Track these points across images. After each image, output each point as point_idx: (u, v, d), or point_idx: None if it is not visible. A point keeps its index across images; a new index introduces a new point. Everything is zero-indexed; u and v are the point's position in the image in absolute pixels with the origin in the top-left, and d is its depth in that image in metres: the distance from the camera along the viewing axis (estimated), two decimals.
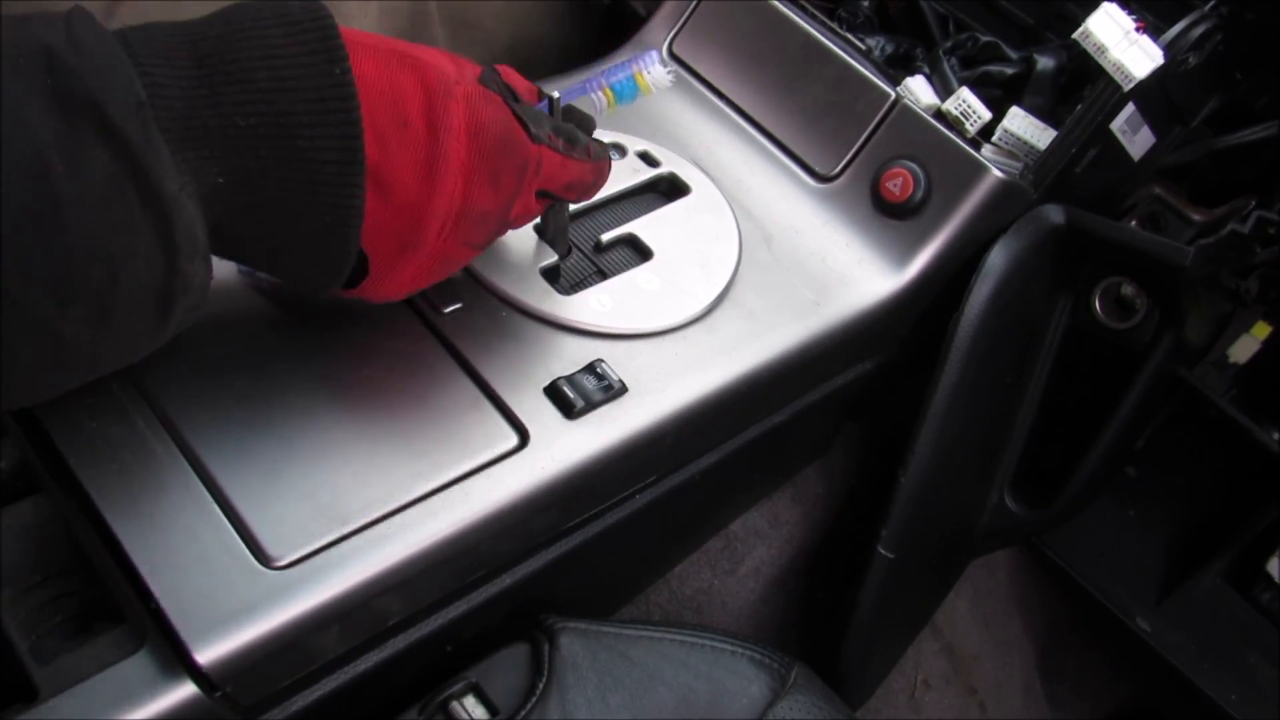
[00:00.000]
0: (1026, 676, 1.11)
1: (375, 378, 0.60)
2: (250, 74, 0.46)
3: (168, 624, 0.48)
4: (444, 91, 0.51)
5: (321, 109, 0.47)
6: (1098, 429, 0.86)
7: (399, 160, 0.50)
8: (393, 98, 0.50)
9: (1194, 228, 0.86)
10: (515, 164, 0.55)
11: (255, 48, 0.47)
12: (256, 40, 0.47)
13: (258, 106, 0.46)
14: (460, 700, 0.60)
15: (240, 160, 0.46)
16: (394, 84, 0.50)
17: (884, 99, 0.77)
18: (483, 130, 0.53)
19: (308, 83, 0.47)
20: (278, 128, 0.47)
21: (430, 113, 0.51)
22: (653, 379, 0.65)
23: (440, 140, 0.51)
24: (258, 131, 0.46)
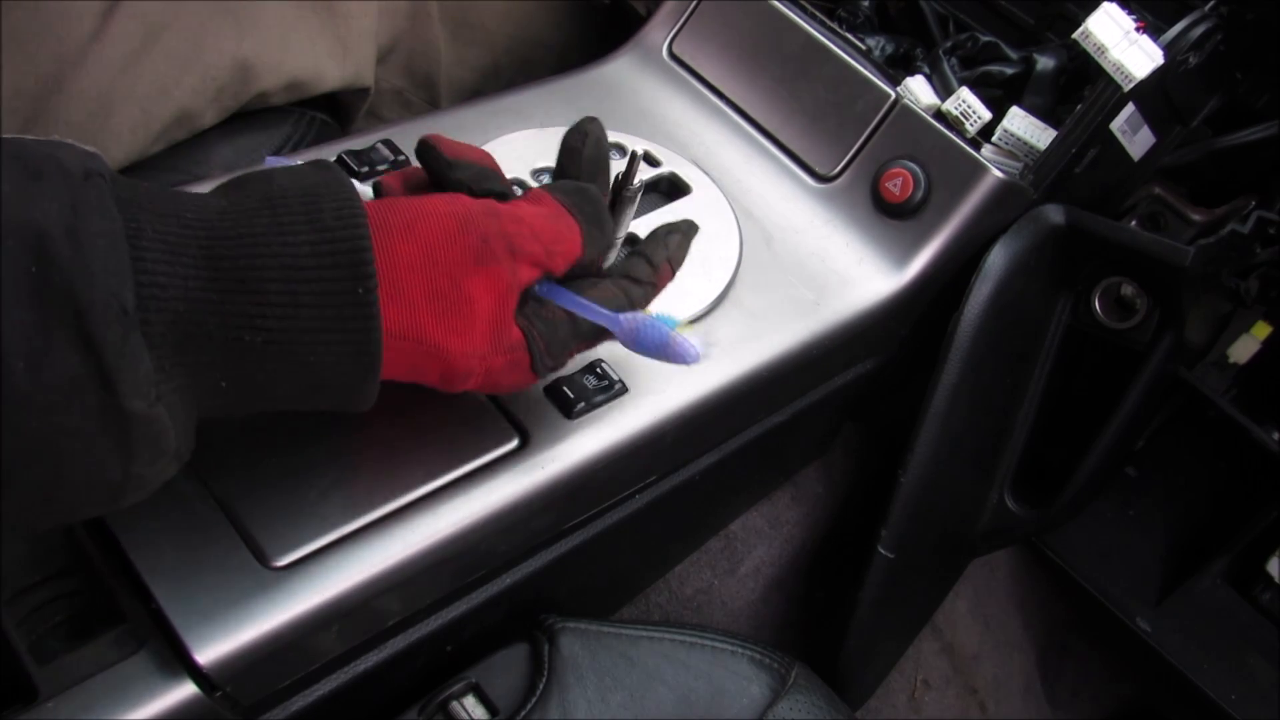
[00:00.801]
0: (1026, 676, 1.11)
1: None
2: (264, 286, 0.44)
3: (168, 624, 0.48)
4: (464, 376, 0.51)
5: (339, 329, 0.45)
6: (1098, 429, 0.86)
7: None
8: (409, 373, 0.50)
9: (1194, 228, 0.86)
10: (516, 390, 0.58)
11: (275, 255, 0.44)
12: (279, 248, 0.44)
13: (268, 322, 0.44)
14: (460, 700, 0.60)
15: (245, 371, 0.45)
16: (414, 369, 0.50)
17: (884, 99, 0.77)
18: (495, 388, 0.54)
19: (328, 300, 0.45)
20: (288, 345, 0.45)
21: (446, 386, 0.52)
22: (653, 379, 0.65)
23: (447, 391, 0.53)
24: (265, 349, 0.44)
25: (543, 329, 0.53)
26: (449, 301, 0.49)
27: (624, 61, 0.86)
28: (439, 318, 0.49)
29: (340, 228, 0.45)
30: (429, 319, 0.49)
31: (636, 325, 0.55)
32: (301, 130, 0.82)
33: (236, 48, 0.74)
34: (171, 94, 0.72)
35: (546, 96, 0.81)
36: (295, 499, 0.54)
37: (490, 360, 0.51)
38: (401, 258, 0.48)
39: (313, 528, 0.53)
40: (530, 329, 0.52)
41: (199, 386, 0.44)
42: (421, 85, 0.95)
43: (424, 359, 0.49)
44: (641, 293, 0.57)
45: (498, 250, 0.50)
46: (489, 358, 0.51)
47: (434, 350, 0.49)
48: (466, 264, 0.49)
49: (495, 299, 0.50)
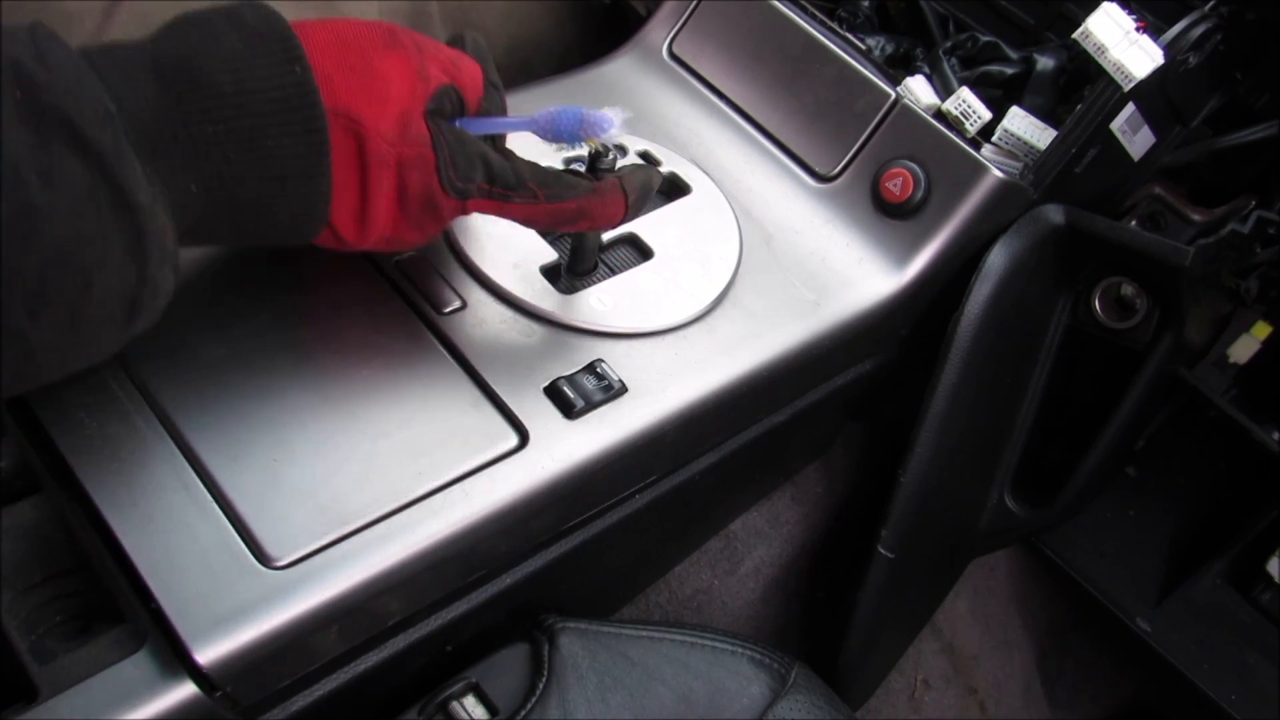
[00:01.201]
0: (1026, 676, 1.11)
1: (375, 378, 0.60)
2: (213, 80, 0.47)
3: (168, 624, 0.48)
4: (378, 161, 0.53)
5: (286, 106, 0.49)
6: (1098, 429, 0.86)
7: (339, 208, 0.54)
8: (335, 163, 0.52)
9: (1194, 228, 0.86)
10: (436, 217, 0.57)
11: (215, 56, 0.48)
12: (215, 48, 0.48)
13: (224, 111, 0.47)
14: (460, 700, 0.61)
15: (213, 166, 0.48)
16: (336, 146, 0.52)
17: (884, 99, 0.77)
18: (406, 196, 0.55)
19: (271, 83, 0.48)
20: (246, 130, 0.48)
21: (363, 177, 0.53)
22: (653, 379, 0.65)
23: (371, 203, 0.54)
24: (227, 136, 0.48)
25: (451, 139, 0.55)
26: (362, 76, 0.52)
27: (624, 61, 0.86)
28: (353, 91, 0.52)
29: (263, 23, 0.50)
30: (343, 90, 0.52)
31: (550, 115, 0.58)
32: None
33: None
34: None
35: (546, 96, 0.81)
36: (296, 499, 0.54)
37: (400, 148, 0.53)
38: (314, 40, 0.52)
39: (313, 527, 0.53)
40: (438, 133, 0.55)
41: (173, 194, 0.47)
42: None
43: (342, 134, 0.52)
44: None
45: (405, 42, 0.54)
46: (398, 144, 0.53)
47: (350, 120, 0.52)
48: (376, 45, 0.53)
49: (405, 81, 0.53)
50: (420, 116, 0.54)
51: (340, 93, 0.51)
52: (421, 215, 0.56)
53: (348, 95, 0.52)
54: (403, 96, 0.53)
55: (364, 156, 0.52)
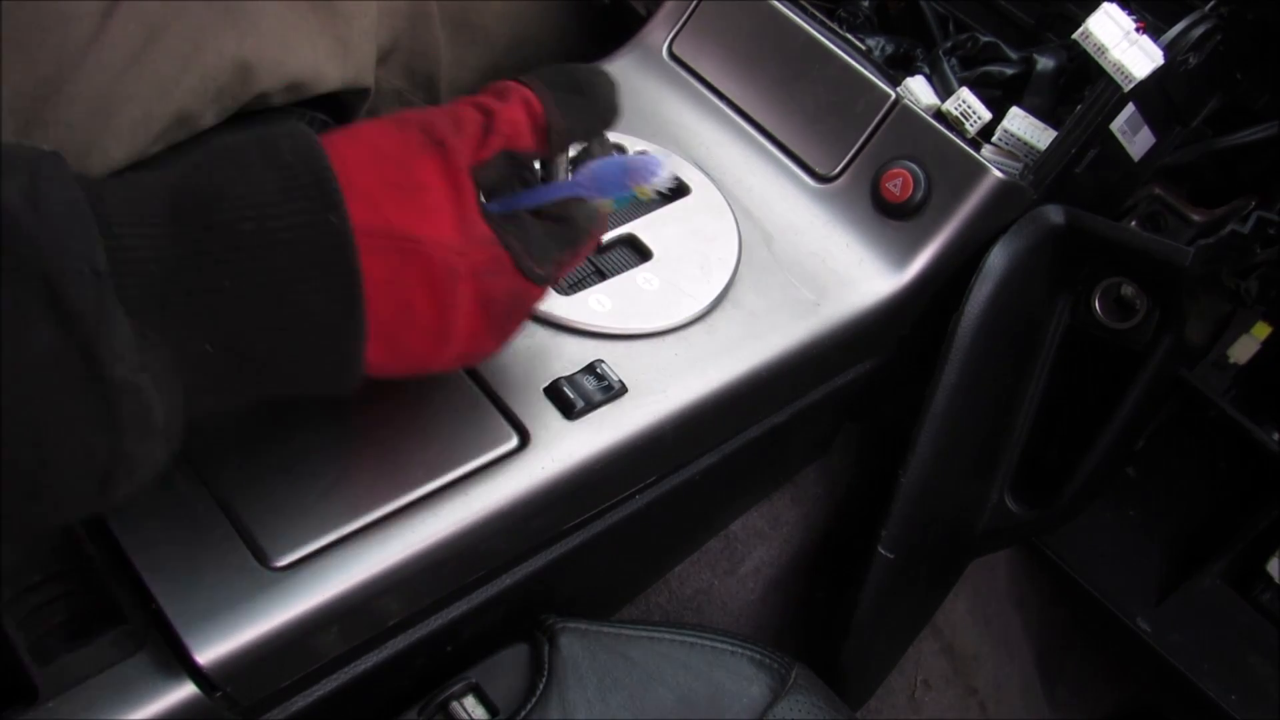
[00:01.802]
0: (1026, 676, 1.11)
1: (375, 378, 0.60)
2: (235, 227, 0.42)
3: (168, 624, 0.48)
4: (449, 276, 0.48)
5: (315, 261, 0.44)
6: (1098, 429, 0.86)
7: (407, 337, 0.49)
8: (395, 291, 0.47)
9: (1194, 228, 0.86)
10: (522, 314, 0.54)
11: (242, 199, 0.43)
12: (243, 189, 0.43)
13: (244, 264, 0.42)
14: (460, 700, 0.61)
15: (230, 325, 0.43)
16: (395, 278, 0.47)
17: (884, 99, 0.77)
18: (492, 304, 0.51)
19: (301, 234, 0.43)
20: (270, 286, 0.43)
21: (437, 299, 0.49)
22: (653, 379, 0.65)
23: (450, 320, 0.49)
24: (247, 292, 0.43)
25: (514, 230, 0.51)
26: (406, 190, 0.48)
27: (624, 61, 0.86)
28: (399, 206, 0.47)
29: (299, 162, 0.44)
30: (392, 210, 0.47)
31: (592, 171, 0.54)
32: None
33: (236, 48, 0.74)
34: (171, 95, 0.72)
35: None
36: (295, 499, 0.54)
37: (470, 255, 0.49)
38: (349, 160, 0.46)
39: (313, 528, 0.53)
40: (500, 230, 0.51)
41: (183, 356, 0.42)
42: (422, 86, 0.94)
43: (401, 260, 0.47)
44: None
45: (441, 132, 0.49)
46: (467, 251, 0.49)
47: (407, 242, 0.47)
48: (412, 151, 0.49)
49: (449, 183, 0.49)
50: (478, 217, 0.50)
51: (390, 213, 0.46)
52: (507, 319, 0.53)
53: (398, 214, 0.47)
54: (451, 201, 0.49)
55: (431, 274, 0.47)
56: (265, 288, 0.43)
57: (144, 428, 0.41)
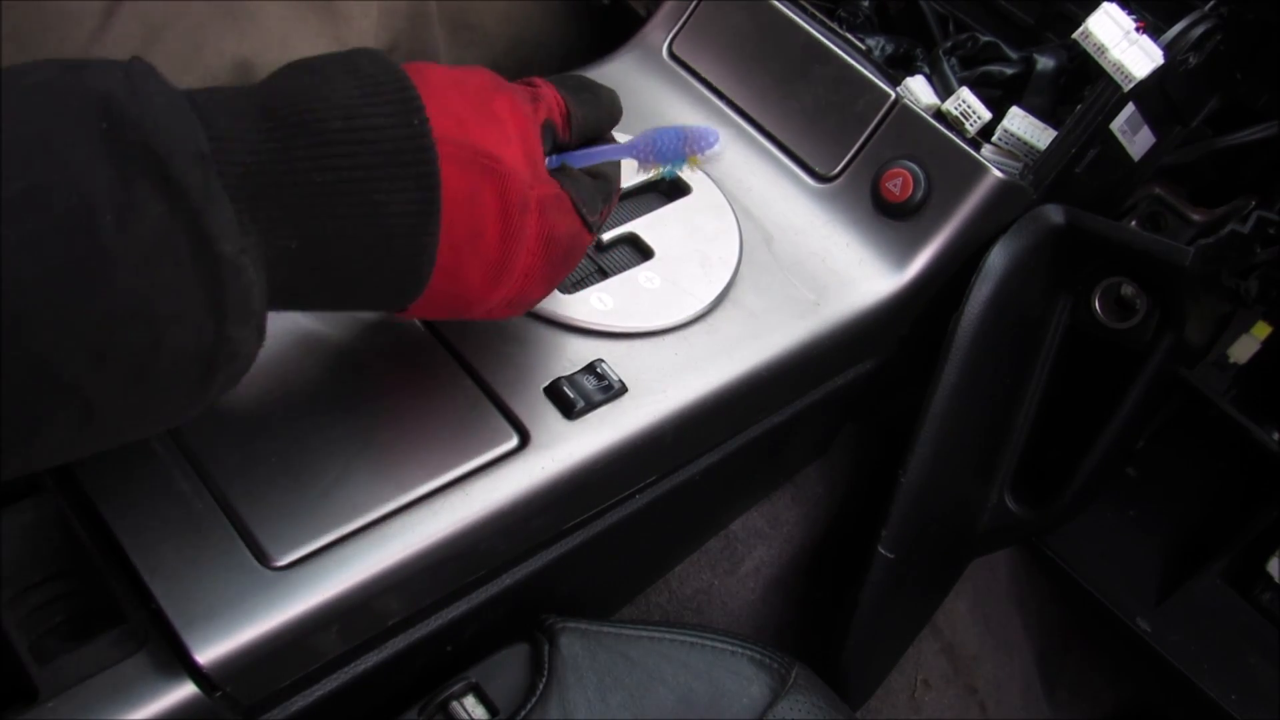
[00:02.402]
0: (1026, 676, 1.11)
1: (375, 378, 0.60)
2: (326, 126, 0.44)
3: (168, 624, 0.48)
4: (520, 205, 0.50)
5: (399, 161, 0.45)
6: (1098, 429, 0.86)
7: (469, 264, 0.50)
8: (471, 209, 0.49)
9: (1194, 228, 0.86)
10: (575, 260, 0.57)
11: (328, 101, 0.44)
12: (328, 93, 0.45)
13: (335, 160, 0.44)
14: (460, 700, 0.60)
15: (317, 220, 0.44)
16: (474, 196, 0.49)
17: (884, 99, 0.77)
18: (552, 242, 0.53)
19: (386, 134, 0.45)
20: (357, 182, 0.44)
21: (505, 226, 0.50)
22: (653, 379, 0.65)
23: (512, 253, 0.51)
24: (336, 187, 0.44)
25: (569, 183, 0.54)
26: (485, 115, 0.50)
27: (624, 61, 0.86)
28: (482, 127, 0.49)
29: (381, 73, 0.46)
30: (474, 126, 0.49)
31: (649, 139, 0.56)
32: None
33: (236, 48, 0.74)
34: None
35: None
36: (296, 498, 0.54)
37: (538, 189, 0.51)
38: (434, 80, 0.49)
39: (313, 527, 0.53)
40: (558, 172, 0.54)
41: (270, 248, 0.43)
42: None
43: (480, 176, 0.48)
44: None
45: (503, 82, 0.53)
46: (535, 185, 0.51)
47: (487, 159, 0.49)
48: (488, 89, 0.51)
49: (520, 121, 0.51)
50: (543, 158, 0.52)
51: (471, 128, 0.48)
52: (562, 262, 0.55)
53: (479, 130, 0.49)
54: (522, 136, 0.51)
55: (506, 198, 0.49)
56: (351, 184, 0.44)
57: (245, 310, 0.42)
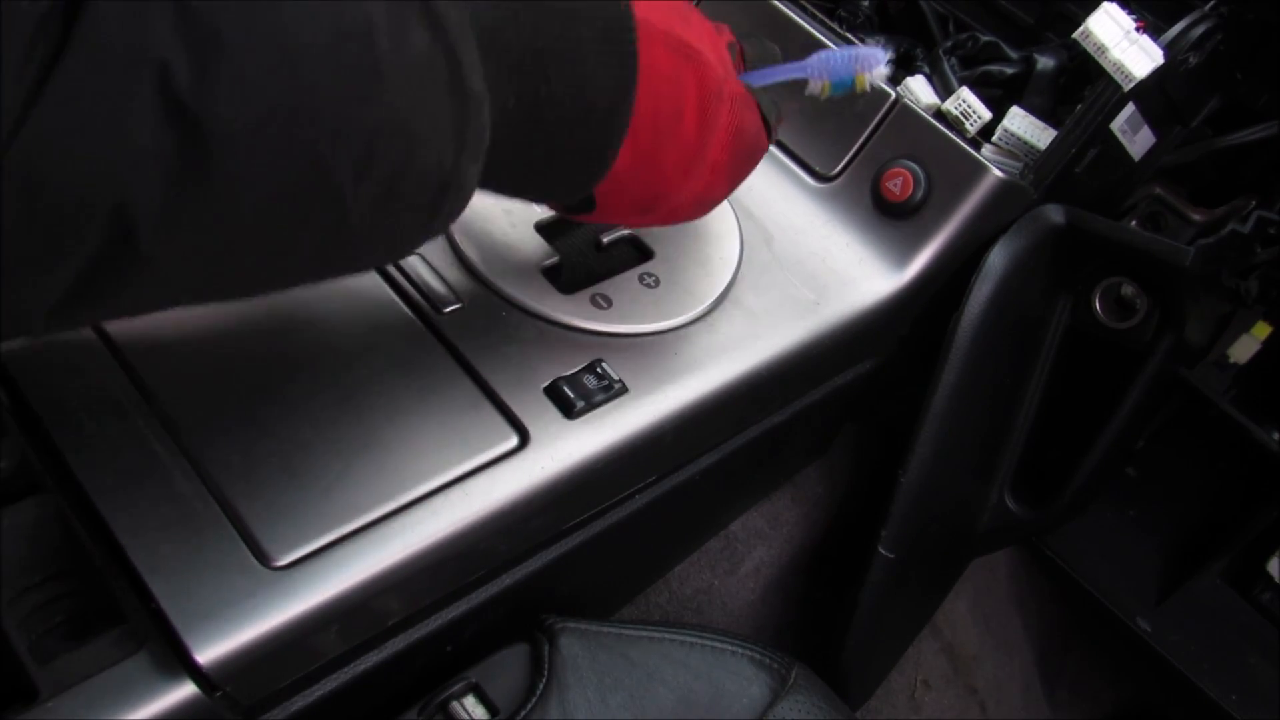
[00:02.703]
0: (1026, 676, 1.11)
1: (374, 377, 0.60)
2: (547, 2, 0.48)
3: (168, 624, 0.48)
4: (716, 93, 0.54)
5: (606, 38, 0.49)
6: (1098, 429, 0.86)
7: (665, 149, 0.54)
8: (673, 90, 0.53)
9: (1194, 228, 0.86)
10: (756, 161, 0.60)
11: None
12: None
13: (555, 28, 0.48)
14: (460, 700, 0.60)
15: (533, 81, 0.48)
16: (677, 77, 0.52)
17: (884, 99, 0.77)
18: (741, 135, 0.57)
19: (599, 11, 0.49)
20: (571, 51, 0.48)
21: (702, 111, 0.54)
22: (653, 379, 0.65)
23: (706, 142, 0.55)
24: (553, 53, 0.48)
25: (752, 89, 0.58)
26: (685, 18, 0.54)
27: None
28: (683, 25, 0.53)
29: None
30: (677, 21, 0.53)
31: (823, 57, 0.59)
32: None
33: None
34: None
35: None
36: (296, 498, 0.54)
37: (731, 83, 0.55)
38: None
39: (313, 527, 0.53)
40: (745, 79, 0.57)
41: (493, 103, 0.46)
42: None
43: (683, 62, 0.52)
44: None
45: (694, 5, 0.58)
46: (728, 79, 0.55)
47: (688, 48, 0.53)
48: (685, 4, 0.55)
49: (712, 32, 0.56)
50: (731, 65, 0.56)
51: (675, 25, 0.52)
52: (746, 161, 0.58)
53: (683, 28, 0.53)
54: (715, 45, 0.55)
55: (704, 86, 0.53)
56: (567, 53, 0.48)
57: (478, 146, 0.45)
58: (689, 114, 0.53)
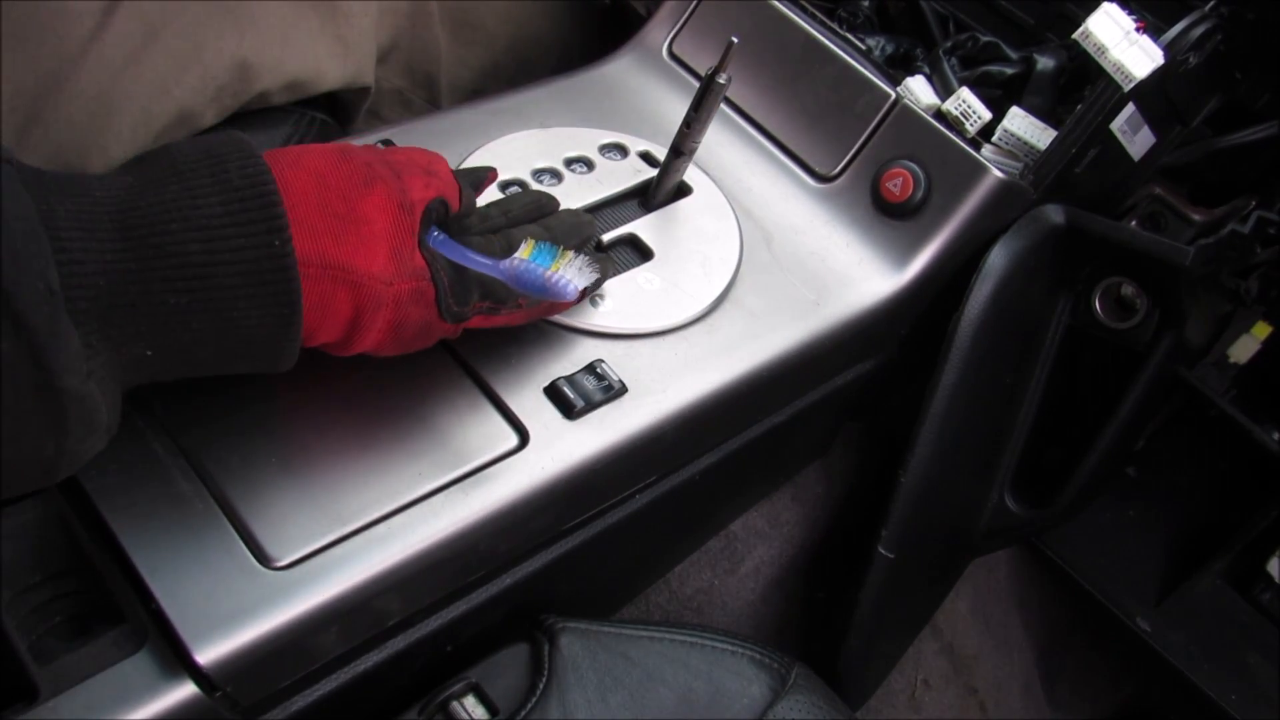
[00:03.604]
0: (1026, 676, 1.11)
1: (375, 378, 0.60)
2: (183, 249, 0.45)
3: (168, 624, 0.48)
4: (374, 304, 0.52)
5: (259, 281, 0.47)
6: (1098, 429, 0.86)
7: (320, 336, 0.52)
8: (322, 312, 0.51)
9: (1194, 228, 0.86)
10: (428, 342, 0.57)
11: (189, 220, 0.45)
12: (190, 211, 0.45)
13: (191, 283, 0.45)
14: (460, 700, 0.60)
15: (171, 336, 0.46)
16: (325, 302, 0.50)
17: (884, 99, 0.77)
18: (403, 329, 0.54)
19: (245, 255, 0.46)
20: (213, 302, 0.46)
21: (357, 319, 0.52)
22: (653, 379, 0.65)
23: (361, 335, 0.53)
24: (190, 307, 0.46)
25: (447, 267, 0.55)
26: (346, 221, 0.51)
27: (624, 61, 0.86)
28: (338, 238, 0.50)
29: (248, 186, 0.47)
30: (329, 241, 0.50)
31: (515, 270, 0.57)
32: (302, 130, 0.82)
33: (236, 47, 0.74)
34: (171, 93, 0.72)
35: (546, 96, 0.81)
36: (296, 498, 0.54)
37: (397, 285, 0.52)
38: (294, 187, 0.49)
39: (313, 527, 0.53)
40: (434, 263, 0.54)
41: (125, 359, 0.45)
42: (422, 85, 0.95)
43: (333, 286, 0.50)
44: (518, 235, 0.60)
45: (382, 172, 0.53)
46: (395, 282, 0.52)
47: (341, 271, 0.50)
48: (355, 184, 0.52)
49: (390, 217, 0.52)
50: (414, 249, 0.53)
51: (327, 244, 0.50)
52: (413, 341, 0.56)
53: (334, 244, 0.50)
54: (390, 234, 0.52)
55: (359, 301, 0.51)
56: (208, 304, 0.46)
57: (88, 428, 0.44)
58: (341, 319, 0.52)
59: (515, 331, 0.65)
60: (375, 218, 0.52)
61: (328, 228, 0.50)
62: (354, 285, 0.51)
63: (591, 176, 0.75)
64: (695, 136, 0.71)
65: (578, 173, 0.75)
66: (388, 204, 0.52)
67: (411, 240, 0.53)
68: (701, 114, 0.69)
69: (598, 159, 0.76)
